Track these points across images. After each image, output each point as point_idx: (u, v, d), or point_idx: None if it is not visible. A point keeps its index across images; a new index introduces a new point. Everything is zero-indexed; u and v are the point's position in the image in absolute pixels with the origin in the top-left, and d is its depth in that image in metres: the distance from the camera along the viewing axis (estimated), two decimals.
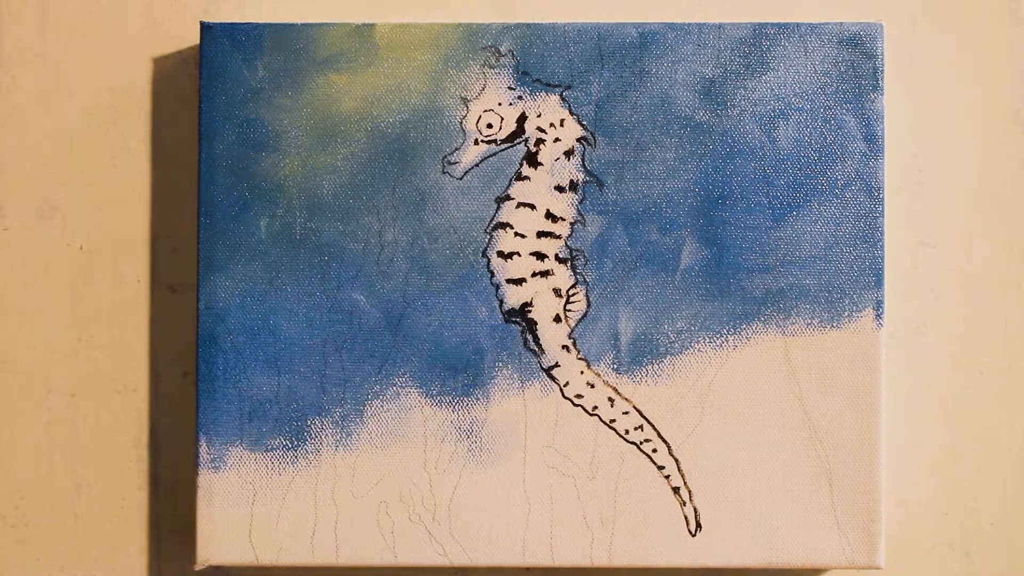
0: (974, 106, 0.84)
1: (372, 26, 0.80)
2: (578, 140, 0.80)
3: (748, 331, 0.80)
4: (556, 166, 0.80)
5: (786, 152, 0.80)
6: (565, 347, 0.80)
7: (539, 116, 0.80)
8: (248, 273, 0.80)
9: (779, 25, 0.80)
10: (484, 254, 0.80)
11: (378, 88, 0.80)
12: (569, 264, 0.80)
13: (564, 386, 0.80)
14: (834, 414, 0.80)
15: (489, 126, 0.80)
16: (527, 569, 0.83)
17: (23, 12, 0.84)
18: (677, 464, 0.80)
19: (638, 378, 0.80)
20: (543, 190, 0.80)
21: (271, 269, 0.80)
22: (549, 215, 0.80)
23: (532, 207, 0.80)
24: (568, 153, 0.80)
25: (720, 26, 0.80)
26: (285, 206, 0.80)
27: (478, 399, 0.80)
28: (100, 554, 0.84)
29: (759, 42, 0.80)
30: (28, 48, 0.84)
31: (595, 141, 0.80)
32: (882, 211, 0.80)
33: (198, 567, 0.80)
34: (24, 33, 0.84)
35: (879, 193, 0.80)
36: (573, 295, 0.80)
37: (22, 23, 0.84)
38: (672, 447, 0.80)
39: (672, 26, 0.80)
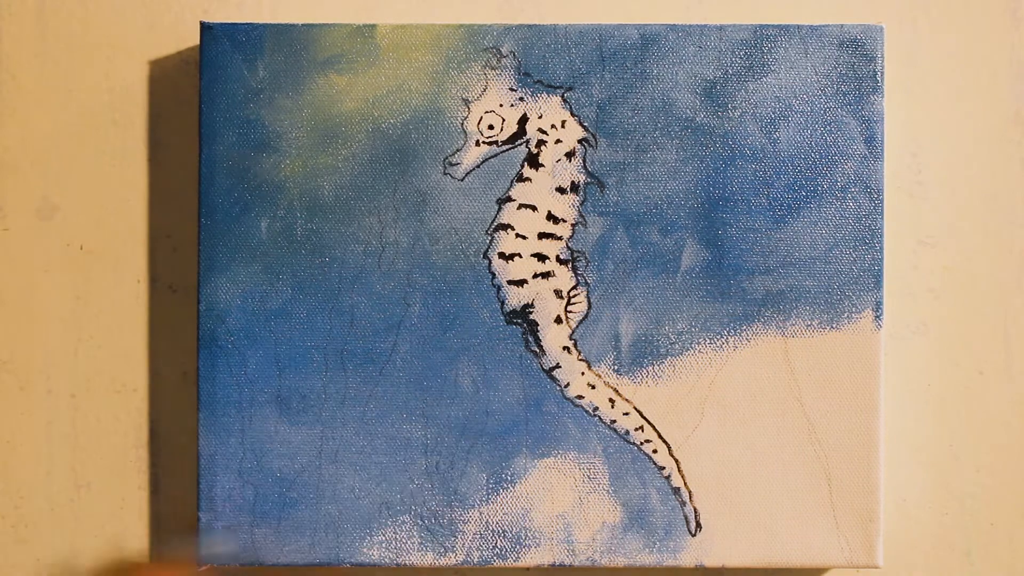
0: (974, 106, 0.84)
1: (373, 27, 0.80)
2: (579, 141, 0.80)
3: (748, 332, 0.80)
4: (557, 167, 0.80)
5: (786, 154, 0.80)
6: (566, 348, 0.80)
7: (540, 117, 0.80)
8: (249, 274, 0.80)
9: (780, 27, 0.80)
10: (485, 255, 0.80)
11: (379, 89, 0.80)
12: (570, 265, 0.80)
13: (565, 387, 0.80)
14: (833, 414, 0.80)
15: (490, 127, 0.80)
16: (527, 569, 0.83)
17: (23, 12, 0.84)
18: (677, 464, 0.80)
19: (639, 379, 0.80)
20: (544, 191, 0.80)
21: (272, 270, 0.80)
22: (550, 216, 0.80)
23: (533, 208, 0.80)
24: (569, 154, 0.80)
25: (721, 28, 0.80)
26: (286, 207, 0.80)
27: (479, 400, 0.80)
28: (100, 554, 0.84)
29: (760, 44, 0.80)
30: (28, 48, 0.84)
31: (596, 142, 0.80)
32: (882, 213, 0.80)
33: (199, 568, 0.80)
34: (24, 33, 0.84)
35: (879, 195, 0.80)
36: (574, 296, 0.80)
37: (22, 23, 0.84)
38: (672, 448, 0.80)
39: (673, 28, 0.80)
